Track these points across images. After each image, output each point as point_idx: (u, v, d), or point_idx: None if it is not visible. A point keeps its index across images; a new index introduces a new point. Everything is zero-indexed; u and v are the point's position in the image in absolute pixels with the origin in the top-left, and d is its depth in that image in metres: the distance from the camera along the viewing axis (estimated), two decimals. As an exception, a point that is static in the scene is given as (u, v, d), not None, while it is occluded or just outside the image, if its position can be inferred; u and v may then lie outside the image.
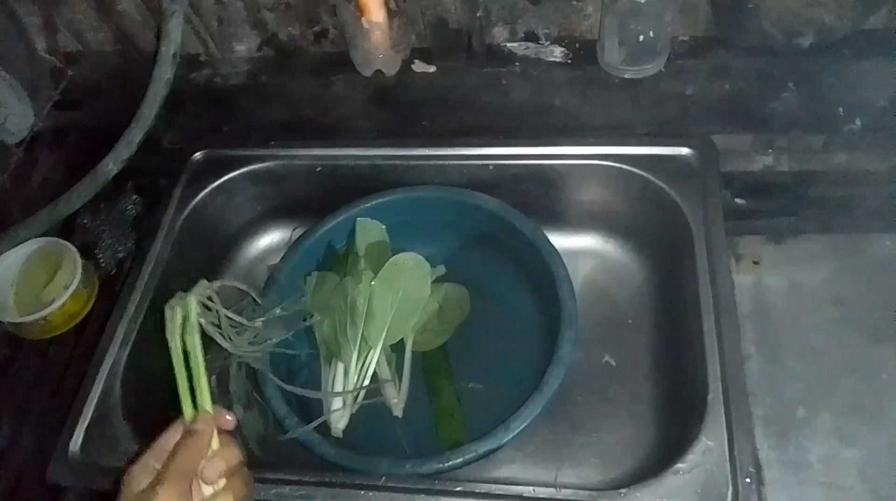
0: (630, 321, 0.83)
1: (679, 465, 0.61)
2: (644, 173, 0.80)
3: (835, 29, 0.72)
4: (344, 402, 0.77)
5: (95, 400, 0.72)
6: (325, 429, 0.75)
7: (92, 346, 0.75)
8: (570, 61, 0.78)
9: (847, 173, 0.78)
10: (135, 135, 0.68)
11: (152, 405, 0.78)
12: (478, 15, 0.75)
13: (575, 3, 0.76)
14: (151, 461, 0.53)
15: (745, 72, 0.76)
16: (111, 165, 0.70)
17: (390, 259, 0.80)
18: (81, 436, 0.70)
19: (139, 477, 0.51)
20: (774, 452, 0.61)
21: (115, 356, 0.74)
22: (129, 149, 0.69)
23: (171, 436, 0.54)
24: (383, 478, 0.64)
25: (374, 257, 0.82)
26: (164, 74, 0.67)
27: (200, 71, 0.87)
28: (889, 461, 0.60)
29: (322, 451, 0.69)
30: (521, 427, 0.67)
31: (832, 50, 0.73)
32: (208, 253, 0.89)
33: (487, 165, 0.84)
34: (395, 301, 0.79)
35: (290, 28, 0.83)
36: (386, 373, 0.79)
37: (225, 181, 0.88)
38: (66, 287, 0.76)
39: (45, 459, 0.69)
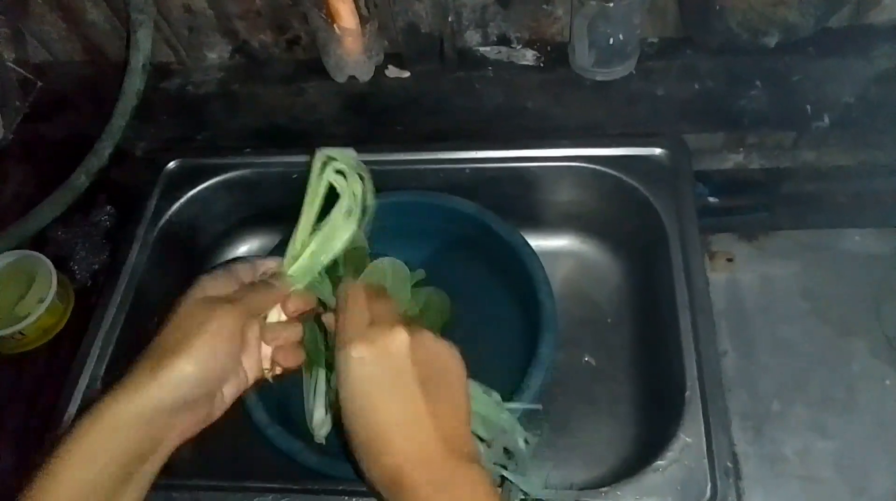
0: (609, 321, 0.84)
1: (658, 462, 0.62)
2: (617, 174, 0.81)
3: (799, 28, 0.73)
4: (326, 409, 0.77)
5: (73, 416, 0.71)
6: (307, 436, 0.75)
7: (68, 361, 0.74)
8: (541, 64, 0.78)
9: (817, 169, 0.79)
10: (105, 146, 0.68)
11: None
12: (449, 20, 0.76)
13: (545, 6, 0.76)
14: (222, 279, 0.51)
15: (713, 72, 0.77)
16: (82, 177, 0.69)
17: (369, 265, 0.80)
18: (59, 453, 0.69)
19: (207, 285, 0.50)
20: (751, 446, 0.62)
21: (91, 371, 0.73)
22: (100, 161, 0.69)
23: (248, 269, 0.52)
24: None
25: (352, 262, 0.82)
26: (134, 85, 0.66)
27: (171, 80, 0.86)
28: (863, 451, 0.61)
29: (304, 459, 0.69)
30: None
31: (798, 48, 0.75)
32: (185, 264, 0.89)
33: (464, 168, 0.85)
34: None
35: (261, 35, 0.83)
36: None
37: (200, 191, 0.87)
38: (41, 301, 0.75)
39: (22, 477, 0.68)
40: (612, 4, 0.68)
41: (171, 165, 0.89)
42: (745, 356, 0.67)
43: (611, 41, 0.72)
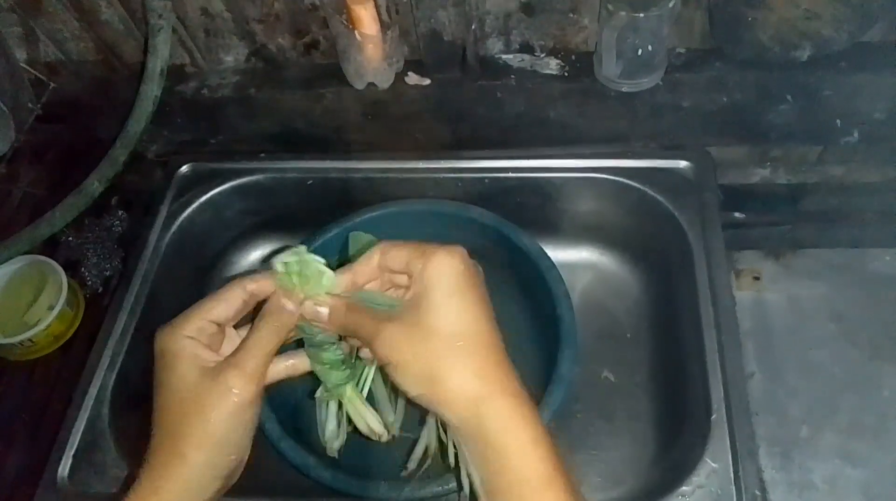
0: (628, 336, 0.83)
1: (684, 487, 0.60)
2: (641, 186, 0.79)
3: (833, 42, 0.71)
4: (339, 422, 0.76)
5: (83, 426, 0.70)
6: (319, 450, 0.73)
7: (78, 368, 0.73)
8: (566, 74, 0.77)
9: (844, 186, 0.78)
10: (120, 153, 0.66)
11: (143, 431, 0.76)
12: (472, 28, 0.74)
13: (571, 15, 0.74)
14: (209, 334, 0.45)
15: (742, 84, 0.75)
16: (96, 183, 0.67)
17: None
18: (69, 463, 0.68)
19: (197, 350, 0.43)
20: (779, 473, 0.61)
21: (102, 379, 0.72)
22: (114, 167, 0.67)
23: (237, 295, 0.45)
24: (381, 502, 0.63)
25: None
26: (151, 90, 0.65)
27: (187, 83, 0.84)
28: (893, 480, 0.60)
29: (318, 475, 0.67)
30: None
31: (830, 63, 0.73)
32: (197, 269, 0.88)
33: (483, 178, 0.83)
34: None
35: (279, 39, 0.81)
36: (381, 391, 0.77)
37: (213, 195, 0.86)
38: (51, 308, 0.74)
39: (32, 485, 0.66)
40: (642, 15, 0.67)
41: (184, 168, 0.88)
42: (772, 379, 0.65)
43: (639, 52, 0.70)
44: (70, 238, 0.80)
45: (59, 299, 0.74)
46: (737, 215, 0.77)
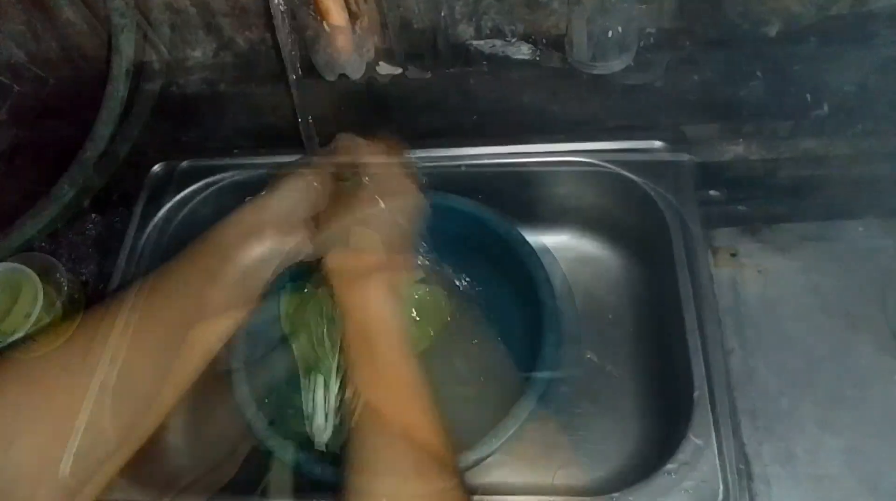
0: (610, 316, 0.83)
1: (669, 465, 0.61)
2: (616, 169, 0.80)
3: (801, 16, 0.72)
4: (326, 415, 0.76)
5: (67, 434, 0.69)
6: (307, 445, 0.73)
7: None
8: (537, 58, 0.76)
9: (817, 158, 0.79)
10: (90, 156, 0.65)
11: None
12: (442, 14, 0.73)
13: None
14: None
15: (712, 62, 0.76)
16: (66, 188, 0.66)
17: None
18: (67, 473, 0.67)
19: None
20: (761, 446, 0.62)
21: (84, 386, 0.71)
22: (85, 171, 0.66)
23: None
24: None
25: None
26: (117, 91, 0.63)
27: (154, 80, 0.83)
28: (874, 447, 0.61)
29: (308, 469, 0.67)
30: (509, 435, 0.67)
31: (799, 37, 0.73)
32: (175, 270, 0.86)
33: (459, 166, 0.83)
34: None
35: (247, 33, 0.80)
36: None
37: (187, 194, 0.85)
38: (27, 316, 0.73)
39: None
40: (611, -3, 0.66)
41: (157, 168, 0.86)
42: (751, 354, 0.66)
43: (609, 34, 0.70)
44: (43, 244, 0.78)
45: (35, 308, 0.73)
46: (712, 192, 0.78)
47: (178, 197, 0.84)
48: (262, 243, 0.56)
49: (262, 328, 0.75)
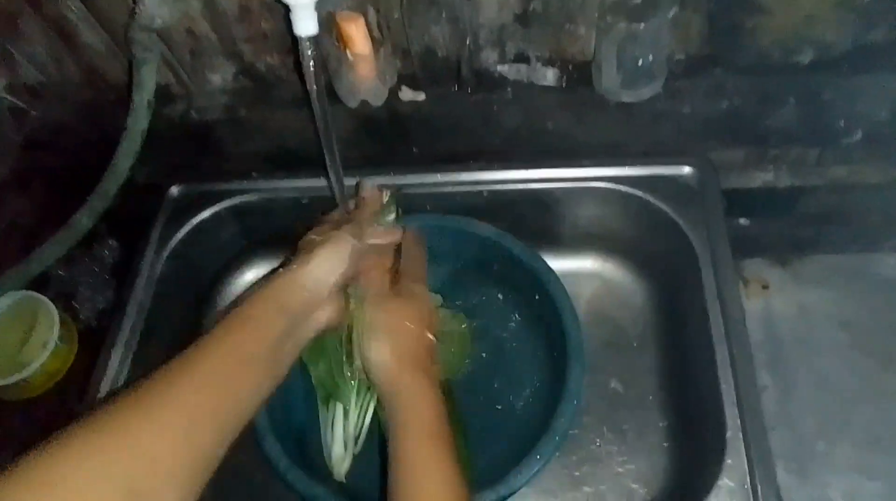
0: (635, 345, 0.82)
1: (701, 509, 0.60)
2: (643, 195, 0.78)
3: (834, 45, 0.70)
4: (346, 445, 0.74)
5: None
6: (325, 475, 0.72)
7: (75, 406, 0.71)
8: (563, 85, 0.75)
9: (848, 187, 0.77)
10: (110, 187, 0.64)
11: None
12: (467, 42, 0.72)
13: (567, 25, 0.72)
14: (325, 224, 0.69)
15: (742, 90, 0.74)
16: (85, 219, 0.65)
17: None
18: (71, 506, 0.66)
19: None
20: (796, 489, 0.60)
21: (101, 417, 0.70)
22: (104, 202, 0.65)
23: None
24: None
25: None
26: (138, 124, 0.62)
27: (174, 105, 0.82)
28: (912, 492, 0.59)
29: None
30: (534, 472, 0.65)
31: (831, 65, 0.72)
32: (193, 294, 0.86)
33: (481, 191, 0.82)
34: None
35: (267, 58, 0.79)
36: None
37: (206, 218, 0.84)
38: (45, 346, 0.72)
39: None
40: (641, 26, 0.65)
41: (175, 190, 0.85)
42: (785, 392, 0.65)
43: (639, 63, 0.68)
44: (60, 272, 0.77)
45: (51, 337, 0.72)
46: (741, 221, 0.76)
47: (196, 220, 0.83)
48: (293, 319, 0.57)
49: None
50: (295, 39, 0.60)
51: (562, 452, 0.74)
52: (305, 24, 0.54)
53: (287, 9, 0.57)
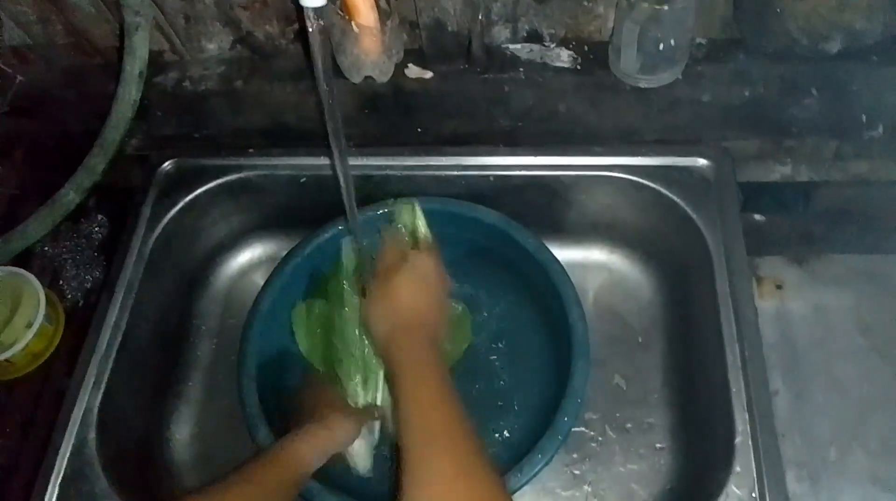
0: (640, 340, 0.79)
1: (708, 517, 0.58)
2: (656, 186, 0.75)
3: (865, 34, 0.67)
4: (367, 442, 0.72)
5: (68, 453, 0.65)
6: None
7: (61, 389, 0.68)
8: (578, 67, 0.71)
9: (869, 183, 0.74)
10: (97, 161, 0.60)
11: (134, 453, 0.72)
12: (479, 17, 0.68)
13: (585, 2, 0.69)
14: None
15: (766, 77, 0.71)
16: (72, 194, 0.62)
17: None
18: (55, 494, 0.64)
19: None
20: (806, 498, 0.58)
21: (87, 400, 0.68)
22: (92, 177, 0.61)
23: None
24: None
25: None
26: (129, 94, 0.58)
27: (167, 73, 0.78)
28: (926, 506, 0.58)
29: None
30: (536, 471, 0.63)
31: (860, 55, 0.68)
32: (184, 275, 0.82)
33: (488, 175, 0.78)
34: None
35: (266, 26, 0.75)
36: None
37: (199, 194, 0.80)
38: (29, 325, 0.69)
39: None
40: (666, 8, 0.61)
41: (167, 165, 0.81)
42: (797, 397, 0.62)
43: (661, 47, 0.65)
44: (46, 248, 0.74)
45: (37, 316, 0.69)
46: (757, 217, 0.73)
47: (189, 197, 0.79)
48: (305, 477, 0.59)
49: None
50: (299, 7, 0.56)
51: (562, 448, 0.72)
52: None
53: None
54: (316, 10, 0.48)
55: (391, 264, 0.63)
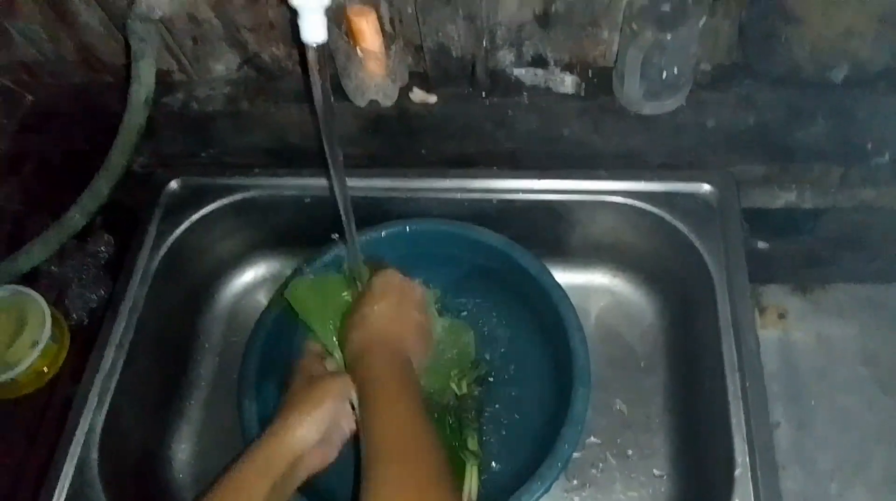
0: (642, 365, 0.79)
1: (706, 552, 0.57)
2: (659, 211, 0.75)
3: (871, 62, 0.66)
4: None
5: (71, 472, 0.66)
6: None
7: (64, 408, 0.69)
8: (581, 93, 0.71)
9: (875, 211, 0.73)
10: (103, 184, 0.61)
11: (135, 472, 0.72)
12: (483, 42, 0.68)
13: (590, 28, 0.69)
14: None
15: (771, 104, 0.70)
16: (77, 216, 0.62)
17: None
18: (57, 514, 0.65)
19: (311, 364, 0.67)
20: (807, 534, 0.58)
21: (90, 420, 0.68)
22: (98, 200, 0.62)
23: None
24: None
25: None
26: (135, 120, 0.59)
27: (174, 93, 0.79)
28: (928, 543, 0.57)
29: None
30: (535, 499, 0.63)
31: (866, 83, 0.68)
32: (188, 292, 0.83)
33: (491, 198, 0.78)
34: None
35: (272, 48, 0.75)
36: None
37: (204, 213, 0.81)
38: (35, 344, 0.69)
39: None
40: (669, 36, 0.61)
41: (173, 184, 0.82)
42: (799, 429, 0.62)
43: (664, 75, 0.65)
44: (52, 267, 0.75)
45: (42, 335, 0.69)
46: (761, 244, 0.73)
47: (194, 216, 0.80)
48: (280, 478, 0.56)
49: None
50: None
51: (561, 474, 0.71)
52: (315, 30, 0.48)
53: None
54: (319, 47, 0.48)
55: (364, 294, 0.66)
